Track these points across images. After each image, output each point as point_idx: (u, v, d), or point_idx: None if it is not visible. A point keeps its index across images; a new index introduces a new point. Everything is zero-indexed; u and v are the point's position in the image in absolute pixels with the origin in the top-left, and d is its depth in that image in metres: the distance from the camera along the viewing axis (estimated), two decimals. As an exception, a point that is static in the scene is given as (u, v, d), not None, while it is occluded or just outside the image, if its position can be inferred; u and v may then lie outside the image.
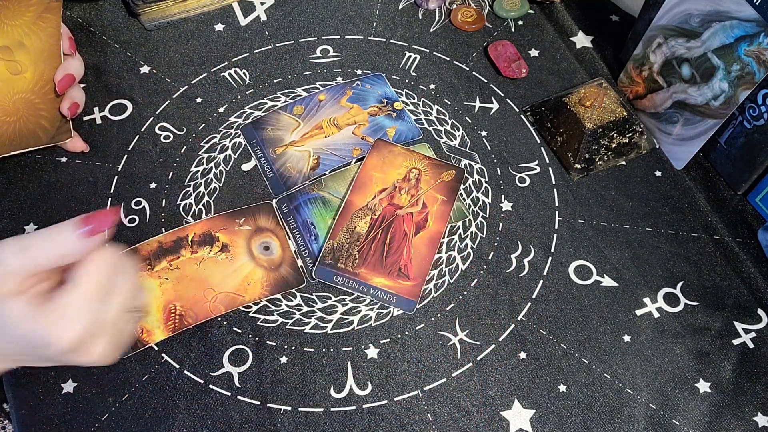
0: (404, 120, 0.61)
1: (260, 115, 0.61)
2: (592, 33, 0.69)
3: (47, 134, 0.56)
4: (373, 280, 0.52)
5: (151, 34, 0.67)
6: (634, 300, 0.53)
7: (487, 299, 0.52)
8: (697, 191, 0.58)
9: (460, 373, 0.49)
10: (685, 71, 0.56)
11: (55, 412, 0.46)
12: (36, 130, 0.56)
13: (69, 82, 0.56)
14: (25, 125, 0.55)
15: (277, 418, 0.47)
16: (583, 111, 0.59)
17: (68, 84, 0.56)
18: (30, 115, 0.55)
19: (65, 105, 0.56)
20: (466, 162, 0.59)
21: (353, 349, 0.50)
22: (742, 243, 0.56)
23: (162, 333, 0.49)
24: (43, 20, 0.55)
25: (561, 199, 0.58)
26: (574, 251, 0.55)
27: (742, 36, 0.50)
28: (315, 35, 0.67)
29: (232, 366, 0.49)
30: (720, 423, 0.47)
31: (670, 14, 0.56)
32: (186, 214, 0.55)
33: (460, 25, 0.68)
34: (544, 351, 0.50)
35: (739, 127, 0.55)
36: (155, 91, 0.63)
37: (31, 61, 0.55)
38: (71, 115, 0.56)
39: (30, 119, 0.55)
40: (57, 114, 0.56)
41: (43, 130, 0.56)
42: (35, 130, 0.55)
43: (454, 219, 0.56)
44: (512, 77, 0.64)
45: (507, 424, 0.47)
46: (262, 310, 0.51)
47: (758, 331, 0.52)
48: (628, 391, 0.49)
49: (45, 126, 0.56)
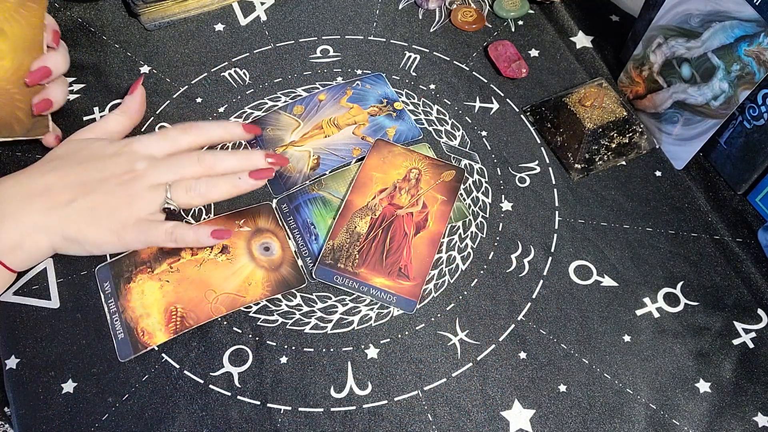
0: (404, 120, 0.61)
1: (260, 115, 0.61)
2: (592, 33, 0.69)
3: (22, 127, 0.54)
4: (373, 280, 0.52)
5: (151, 34, 0.67)
6: (634, 300, 0.53)
7: (487, 299, 0.52)
8: (697, 191, 0.58)
9: (460, 373, 0.49)
10: (685, 71, 0.56)
11: (55, 412, 0.46)
12: (11, 121, 0.54)
13: (42, 75, 0.54)
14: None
15: (277, 418, 0.47)
16: (583, 111, 0.59)
17: (41, 77, 0.54)
18: (5, 104, 0.53)
19: (35, 99, 0.54)
20: (466, 162, 0.59)
21: (353, 349, 0.50)
22: (742, 243, 0.56)
23: (163, 335, 0.49)
24: (26, 9, 0.54)
25: (561, 199, 0.58)
26: (574, 251, 0.55)
27: (742, 36, 0.50)
28: (315, 35, 0.67)
29: (232, 366, 0.49)
30: (720, 423, 0.47)
31: (670, 14, 0.56)
32: (186, 214, 0.55)
33: (460, 25, 0.68)
34: (544, 351, 0.50)
35: (739, 127, 0.55)
36: (155, 91, 0.63)
37: (10, 49, 0.53)
38: (37, 110, 0.54)
39: (4, 109, 0.53)
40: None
41: (18, 121, 0.54)
42: (9, 120, 0.54)
43: (454, 219, 0.56)
44: (512, 77, 0.64)
45: (507, 424, 0.47)
46: (262, 310, 0.51)
47: (758, 331, 0.52)
48: (628, 391, 0.49)
49: (20, 118, 0.54)
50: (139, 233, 0.49)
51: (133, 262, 0.52)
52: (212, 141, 0.55)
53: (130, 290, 0.51)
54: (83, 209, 0.48)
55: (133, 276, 0.51)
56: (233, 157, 0.52)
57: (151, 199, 0.49)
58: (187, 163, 0.51)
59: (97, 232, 0.48)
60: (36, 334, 0.49)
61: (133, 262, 0.52)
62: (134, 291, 0.51)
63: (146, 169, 0.50)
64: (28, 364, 0.48)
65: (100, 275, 0.52)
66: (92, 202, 0.48)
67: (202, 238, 0.50)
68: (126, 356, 0.48)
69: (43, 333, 0.49)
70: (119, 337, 0.49)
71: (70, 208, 0.48)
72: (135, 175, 0.49)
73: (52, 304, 0.51)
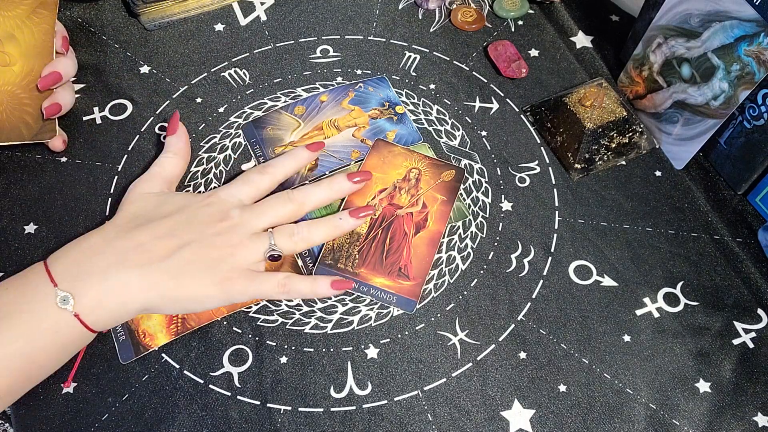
0: (405, 124, 0.61)
1: (260, 115, 0.61)
2: (592, 33, 0.69)
3: (30, 131, 0.55)
4: (373, 280, 0.52)
5: (151, 34, 0.67)
6: (634, 300, 0.53)
7: (487, 299, 0.52)
8: (697, 191, 0.58)
9: (460, 373, 0.49)
10: (685, 71, 0.56)
11: (55, 412, 0.46)
12: (18, 125, 0.55)
13: (53, 81, 0.55)
14: (8, 119, 0.54)
15: (277, 418, 0.47)
16: (583, 111, 0.59)
17: (52, 82, 0.55)
18: (14, 108, 0.54)
19: (45, 104, 0.55)
20: (466, 162, 0.59)
21: (353, 349, 0.50)
22: (742, 243, 0.56)
23: (165, 337, 0.49)
24: (37, 15, 0.55)
25: (561, 199, 0.58)
26: (574, 251, 0.55)
27: (742, 36, 0.50)
28: (315, 35, 0.67)
29: (232, 366, 0.49)
30: (720, 423, 0.47)
31: (670, 14, 0.56)
32: (186, 214, 0.55)
33: (460, 25, 0.68)
34: (544, 351, 0.50)
35: (739, 127, 0.55)
36: (155, 91, 0.63)
37: (21, 55, 0.54)
38: (47, 114, 0.55)
39: (13, 113, 0.54)
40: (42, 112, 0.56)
41: (26, 125, 0.55)
42: (17, 124, 0.55)
43: (454, 219, 0.56)
44: (512, 77, 0.64)
45: (507, 424, 0.47)
46: (262, 310, 0.51)
47: (758, 331, 0.52)
48: (628, 391, 0.49)
49: (28, 122, 0.55)
50: (248, 285, 0.46)
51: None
52: (288, 175, 0.54)
53: (130, 290, 0.51)
54: (182, 263, 0.45)
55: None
56: (320, 189, 0.52)
57: (255, 248, 0.48)
58: (279, 205, 0.50)
59: (199, 285, 0.45)
60: (36, 334, 0.49)
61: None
62: (134, 291, 0.51)
63: (241, 216, 0.48)
64: (28, 364, 0.48)
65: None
66: (191, 255, 0.45)
67: (321, 289, 0.48)
68: (127, 358, 0.48)
69: (43, 333, 0.49)
70: (120, 339, 0.49)
71: (168, 263, 0.45)
72: (232, 224, 0.48)
73: (52, 304, 0.51)
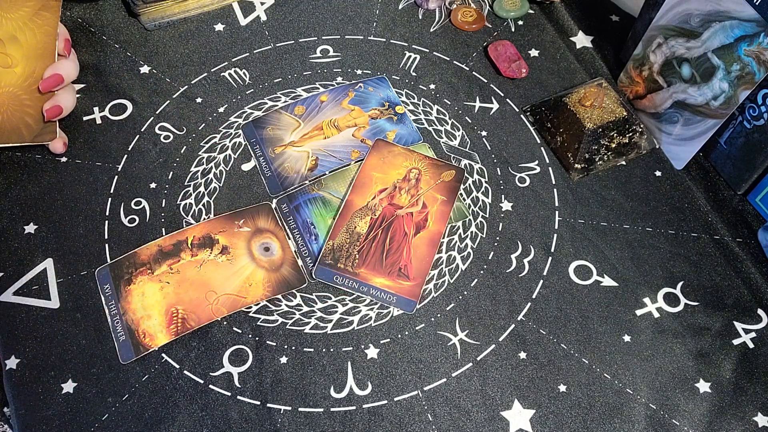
0: (405, 124, 0.61)
1: (260, 115, 0.61)
2: (592, 33, 0.69)
3: (31, 132, 0.55)
4: (373, 280, 0.52)
5: (151, 34, 0.67)
6: (634, 300, 0.53)
7: (487, 299, 0.52)
8: (697, 191, 0.58)
9: (460, 373, 0.49)
10: (685, 71, 0.56)
11: (55, 412, 0.46)
12: (19, 126, 0.55)
13: (55, 83, 0.55)
14: (9, 120, 0.55)
15: (277, 418, 0.47)
16: (583, 111, 0.59)
17: (53, 84, 0.55)
18: (15, 110, 0.54)
19: (46, 106, 0.55)
20: (466, 162, 0.59)
21: (353, 349, 0.50)
22: (742, 243, 0.56)
23: (165, 337, 0.49)
24: (39, 17, 0.55)
25: (561, 199, 0.58)
26: (574, 251, 0.55)
27: (742, 36, 0.50)
28: (315, 35, 0.67)
29: (232, 366, 0.49)
30: (720, 423, 0.47)
31: (670, 14, 0.56)
32: (186, 214, 0.55)
33: (460, 25, 0.68)
34: (544, 351, 0.50)
35: (739, 127, 0.55)
36: (155, 91, 0.63)
37: (23, 57, 0.55)
38: (48, 117, 0.55)
39: (14, 114, 0.55)
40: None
41: (26, 127, 0.55)
42: (18, 126, 0.55)
43: (454, 219, 0.56)
44: (512, 77, 0.64)
45: (507, 424, 0.47)
46: (262, 310, 0.51)
47: (758, 331, 0.52)
48: (628, 391, 0.49)
49: (29, 123, 0.55)
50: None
51: (132, 264, 0.52)
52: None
53: (130, 292, 0.51)
54: None
55: (133, 278, 0.51)
56: None
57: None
58: None
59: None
60: (36, 334, 0.49)
61: (132, 263, 0.52)
62: (134, 293, 0.51)
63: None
64: (28, 365, 0.48)
65: (99, 277, 0.52)
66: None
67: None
68: (128, 359, 0.48)
69: (43, 333, 0.49)
70: (120, 339, 0.49)
71: None
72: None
73: (52, 305, 0.51)
